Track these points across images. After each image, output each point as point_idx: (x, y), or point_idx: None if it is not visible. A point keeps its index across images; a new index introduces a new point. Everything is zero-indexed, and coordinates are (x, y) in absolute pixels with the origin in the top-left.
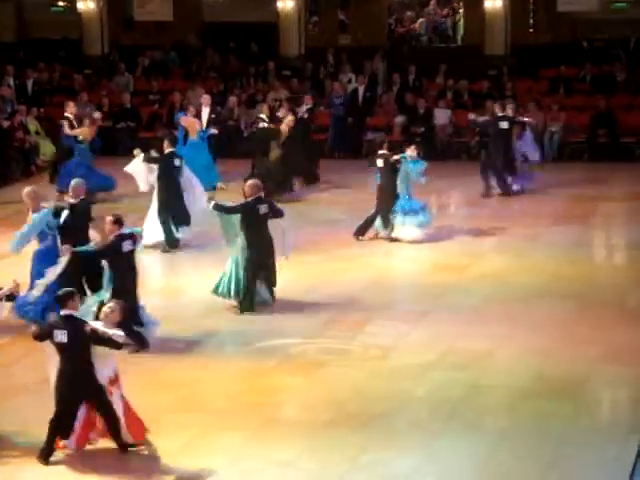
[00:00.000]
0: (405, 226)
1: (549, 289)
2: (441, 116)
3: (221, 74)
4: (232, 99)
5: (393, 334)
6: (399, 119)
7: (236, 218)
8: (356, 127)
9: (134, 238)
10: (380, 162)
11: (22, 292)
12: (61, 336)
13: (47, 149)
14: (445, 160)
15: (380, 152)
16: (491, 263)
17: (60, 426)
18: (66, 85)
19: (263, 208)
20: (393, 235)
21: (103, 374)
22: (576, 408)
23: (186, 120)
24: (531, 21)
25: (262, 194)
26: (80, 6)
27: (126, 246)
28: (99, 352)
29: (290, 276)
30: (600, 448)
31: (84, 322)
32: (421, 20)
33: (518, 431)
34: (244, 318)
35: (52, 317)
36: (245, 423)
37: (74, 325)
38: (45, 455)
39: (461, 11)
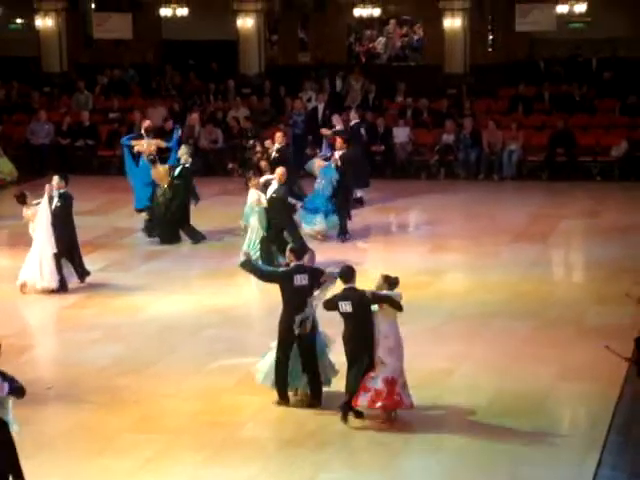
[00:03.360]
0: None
1: (508, 307)
2: (401, 134)
3: (181, 92)
4: (193, 116)
5: None
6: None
7: None
8: (316, 145)
9: None
10: None
11: None
12: (345, 306)
13: (5, 168)
14: (405, 178)
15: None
16: (450, 281)
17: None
18: (24, 103)
19: None
20: None
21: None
22: (534, 426)
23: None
24: (490, 41)
25: None
26: (38, 24)
27: None
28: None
29: (252, 294)
30: (558, 465)
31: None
32: (380, 39)
33: (477, 449)
34: (203, 336)
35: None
36: (205, 442)
37: (356, 295)
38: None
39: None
